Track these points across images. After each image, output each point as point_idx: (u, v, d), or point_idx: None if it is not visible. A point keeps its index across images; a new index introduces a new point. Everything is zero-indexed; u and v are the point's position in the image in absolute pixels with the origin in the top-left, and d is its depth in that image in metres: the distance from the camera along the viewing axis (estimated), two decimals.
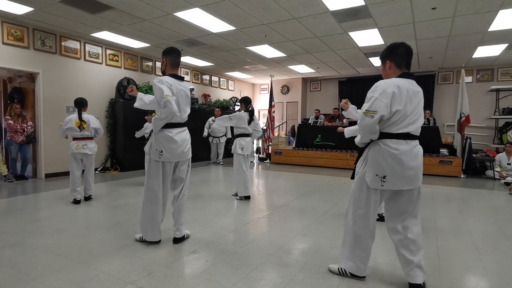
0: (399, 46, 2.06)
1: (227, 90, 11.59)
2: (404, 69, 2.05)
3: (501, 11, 4.91)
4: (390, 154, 1.94)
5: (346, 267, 2.16)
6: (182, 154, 2.77)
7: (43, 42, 6.10)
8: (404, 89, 1.94)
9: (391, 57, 2.07)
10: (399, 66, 2.05)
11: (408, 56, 2.07)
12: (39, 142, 6.14)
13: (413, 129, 1.97)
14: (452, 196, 5.04)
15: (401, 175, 1.95)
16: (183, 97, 2.76)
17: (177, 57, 2.81)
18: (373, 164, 1.99)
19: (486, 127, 9.03)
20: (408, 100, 1.94)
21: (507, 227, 3.41)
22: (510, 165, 6.57)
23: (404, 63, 2.05)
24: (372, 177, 1.98)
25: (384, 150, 1.95)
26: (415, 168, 1.98)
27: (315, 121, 9.58)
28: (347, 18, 5.37)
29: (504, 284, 2.14)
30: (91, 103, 6.93)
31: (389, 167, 1.94)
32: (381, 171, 1.96)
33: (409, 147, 1.96)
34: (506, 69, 8.91)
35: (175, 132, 2.72)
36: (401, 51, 2.05)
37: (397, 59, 2.05)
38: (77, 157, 4.23)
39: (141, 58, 8.17)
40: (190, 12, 5.18)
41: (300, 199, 4.64)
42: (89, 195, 4.38)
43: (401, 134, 1.95)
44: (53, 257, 2.49)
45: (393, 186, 1.97)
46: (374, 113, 1.89)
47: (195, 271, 2.28)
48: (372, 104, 1.92)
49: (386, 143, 1.96)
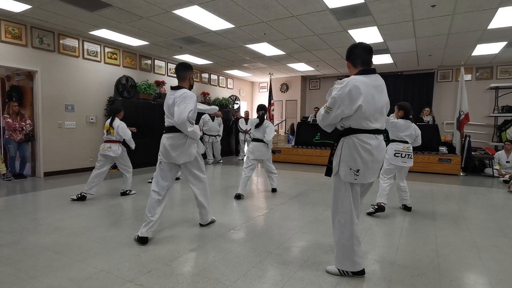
0: (356, 46, 2.20)
1: (226, 88, 11.57)
2: (360, 67, 2.14)
3: (500, 8, 4.90)
4: (364, 148, 2.04)
5: (345, 268, 2.15)
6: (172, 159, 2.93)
7: (41, 40, 6.07)
8: (364, 86, 2.02)
9: (348, 58, 2.23)
10: (355, 65, 2.18)
11: (364, 53, 2.16)
12: (38, 141, 6.13)
13: (379, 125, 2.11)
14: (451, 194, 5.04)
15: (371, 168, 2.08)
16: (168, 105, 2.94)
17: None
18: (347, 159, 2.07)
19: (485, 125, 9.04)
20: (370, 94, 2.02)
21: (506, 225, 3.42)
22: (509, 163, 6.58)
23: (359, 61, 2.15)
24: (346, 171, 2.07)
25: (358, 144, 2.05)
26: (380, 161, 2.15)
27: (314, 119, 9.56)
28: (346, 15, 5.35)
29: (503, 282, 2.15)
30: (90, 101, 6.96)
31: (362, 161, 2.04)
32: (354, 165, 2.05)
33: (378, 141, 2.10)
34: (505, 67, 8.90)
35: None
36: (356, 51, 2.18)
37: (352, 58, 2.19)
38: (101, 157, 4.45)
39: (140, 56, 8.15)
40: (188, 10, 5.16)
41: (299, 197, 4.64)
42: (124, 191, 4.63)
43: (372, 130, 2.07)
44: (52, 256, 2.48)
45: (364, 179, 2.09)
46: (329, 109, 2.08)
47: (195, 269, 2.28)
48: (330, 100, 2.09)
49: (360, 138, 2.05)
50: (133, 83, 7.72)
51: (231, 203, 4.36)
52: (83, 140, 6.83)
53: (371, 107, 2.03)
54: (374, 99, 2.04)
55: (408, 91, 10.03)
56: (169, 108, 2.88)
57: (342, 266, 2.16)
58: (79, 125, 6.78)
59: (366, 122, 2.04)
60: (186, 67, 2.99)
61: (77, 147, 6.72)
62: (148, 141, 7.47)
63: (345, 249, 2.13)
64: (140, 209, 3.87)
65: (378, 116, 2.08)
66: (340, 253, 2.16)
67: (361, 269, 2.14)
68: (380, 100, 2.09)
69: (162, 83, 8.45)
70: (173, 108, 2.81)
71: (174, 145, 2.88)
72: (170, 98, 2.88)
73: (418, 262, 2.44)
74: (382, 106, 2.12)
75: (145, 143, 7.37)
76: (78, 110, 6.73)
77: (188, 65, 3.02)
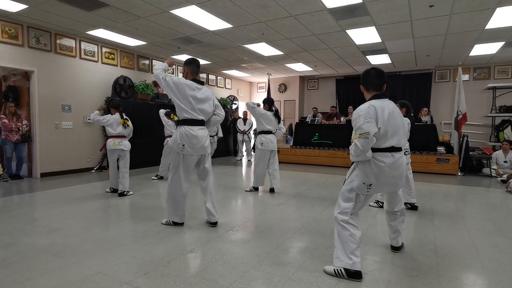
0: (368, 71, 2.31)
1: (224, 88, 11.55)
2: (373, 92, 2.27)
3: (498, 8, 4.91)
4: (377, 166, 2.16)
5: (342, 265, 2.15)
6: (201, 149, 3.13)
7: (37, 40, 6.04)
8: (379, 109, 2.15)
9: (362, 83, 2.34)
10: (368, 89, 2.30)
11: (376, 78, 2.27)
12: (35, 141, 6.08)
13: (395, 142, 2.20)
14: (450, 194, 5.05)
15: (384, 182, 2.21)
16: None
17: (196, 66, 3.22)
18: (361, 174, 2.19)
19: (483, 125, 9.06)
20: (386, 117, 2.15)
21: (505, 225, 3.42)
22: (506, 162, 6.60)
23: (371, 86, 2.28)
24: (360, 184, 2.20)
25: (372, 162, 2.17)
26: (396, 177, 2.25)
27: (313, 120, 9.56)
28: (344, 15, 5.35)
29: (502, 282, 2.14)
30: (87, 101, 6.93)
31: (374, 177, 2.17)
32: (368, 180, 2.18)
33: (394, 159, 2.20)
34: (502, 67, 8.93)
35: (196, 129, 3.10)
36: (368, 77, 2.30)
37: (365, 83, 2.31)
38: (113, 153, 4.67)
39: (138, 56, 8.12)
40: (186, 10, 5.14)
41: (298, 198, 4.63)
42: (122, 191, 4.63)
43: (386, 148, 2.18)
44: (48, 257, 2.46)
45: (377, 191, 2.28)
46: (368, 134, 2.06)
47: (192, 271, 2.26)
48: (361, 127, 2.09)
49: (375, 157, 2.17)
50: (131, 83, 7.68)
51: (229, 203, 4.35)
52: (80, 140, 6.80)
53: (385, 127, 2.15)
54: (388, 120, 2.16)
55: (406, 91, 10.04)
56: (201, 102, 3.11)
57: (338, 263, 2.18)
58: (76, 126, 6.74)
59: (381, 141, 2.16)
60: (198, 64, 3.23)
61: (74, 147, 6.69)
62: (145, 142, 7.45)
63: (341, 245, 2.19)
64: (138, 210, 3.85)
65: (391, 135, 2.18)
66: (338, 249, 2.22)
67: (356, 269, 2.12)
68: (394, 121, 2.19)
69: None
70: (206, 103, 3.14)
71: (205, 136, 3.14)
72: (201, 92, 3.11)
73: (416, 262, 2.43)
74: (397, 126, 2.21)
75: (143, 144, 7.35)
76: (75, 110, 6.69)
77: (187, 61, 3.19)
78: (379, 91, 2.26)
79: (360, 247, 2.20)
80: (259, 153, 4.89)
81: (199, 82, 3.14)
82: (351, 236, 2.16)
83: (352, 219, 2.21)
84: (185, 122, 3.06)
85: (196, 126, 3.08)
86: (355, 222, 2.21)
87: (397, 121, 2.21)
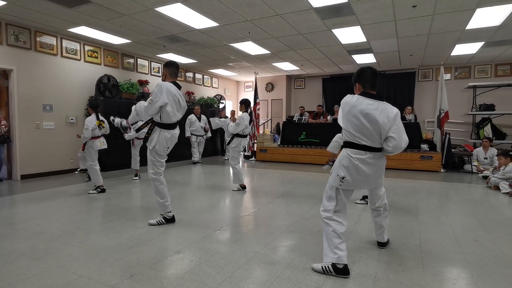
0: (366, 70, 2.33)
1: (211, 87, 11.47)
2: (368, 90, 2.28)
3: (478, 9, 5.05)
4: (350, 160, 2.23)
5: (329, 260, 2.19)
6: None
7: (17, 38, 5.83)
8: (358, 108, 2.19)
9: (359, 80, 2.32)
10: (364, 87, 2.29)
11: (372, 78, 2.29)
12: (14, 142, 5.88)
13: (369, 143, 2.22)
14: (433, 190, 5.17)
15: (356, 179, 2.25)
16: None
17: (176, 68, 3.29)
18: (337, 166, 2.30)
19: (464, 123, 9.33)
20: (362, 116, 2.17)
21: (486, 219, 3.52)
22: (486, 159, 6.81)
23: (368, 85, 2.28)
24: (334, 176, 2.29)
25: (346, 157, 2.26)
26: (370, 175, 2.27)
27: (300, 119, 9.62)
28: (330, 15, 5.39)
29: (484, 275, 2.20)
30: (69, 100, 6.75)
31: (347, 171, 2.24)
32: (341, 173, 2.26)
33: (367, 157, 2.23)
34: (482, 66, 9.22)
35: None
36: (366, 75, 2.30)
37: (363, 82, 2.30)
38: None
39: (122, 55, 7.96)
40: (171, 7, 5.07)
41: (286, 196, 4.64)
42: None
43: (361, 146, 2.22)
44: (29, 262, 2.38)
45: (350, 186, 2.28)
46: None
47: (179, 272, 2.23)
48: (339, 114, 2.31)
49: (348, 152, 2.26)
50: (115, 82, 7.52)
51: (216, 203, 4.32)
52: (62, 141, 6.61)
53: (361, 127, 2.18)
54: (365, 121, 2.17)
55: (390, 90, 10.22)
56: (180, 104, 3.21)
57: (326, 259, 2.21)
58: (58, 126, 6.56)
59: (355, 138, 2.22)
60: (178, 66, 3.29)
61: (56, 148, 6.50)
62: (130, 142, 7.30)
63: (327, 242, 2.25)
64: (122, 211, 3.77)
65: (369, 135, 2.19)
66: (324, 246, 2.27)
67: (342, 262, 2.15)
68: (373, 125, 2.17)
69: (145, 82, 8.28)
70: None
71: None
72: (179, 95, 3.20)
73: (402, 258, 2.47)
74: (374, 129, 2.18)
75: (128, 144, 7.20)
76: (57, 110, 6.50)
77: (166, 63, 3.27)
78: (373, 90, 2.28)
79: (344, 242, 2.22)
80: (236, 154, 5.09)
81: (178, 85, 3.22)
82: (334, 231, 2.21)
83: (336, 215, 2.26)
84: (168, 126, 3.19)
85: (175, 128, 3.29)
86: (339, 219, 2.26)
87: (376, 125, 2.16)
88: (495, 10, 5.06)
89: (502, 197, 4.69)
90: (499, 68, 9.05)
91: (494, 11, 5.11)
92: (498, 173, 5.22)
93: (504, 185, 4.93)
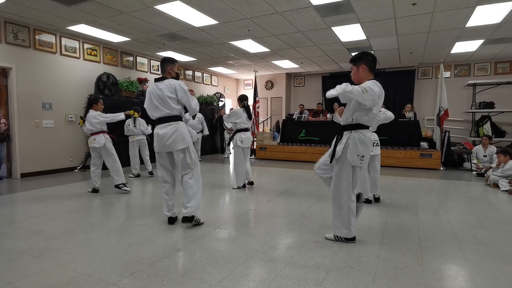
0: (371, 53, 2.60)
1: (210, 85, 11.46)
2: (373, 74, 2.58)
3: (478, 7, 5.05)
4: (369, 140, 2.57)
5: (342, 235, 2.67)
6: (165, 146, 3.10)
7: (15, 36, 5.81)
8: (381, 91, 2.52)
9: (365, 61, 2.55)
10: (371, 70, 2.57)
11: (375, 63, 2.62)
12: (14, 141, 5.88)
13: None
14: (432, 188, 5.18)
15: (368, 155, 2.61)
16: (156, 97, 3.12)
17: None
18: (355, 148, 2.53)
19: (463, 121, 9.33)
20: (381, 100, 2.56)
21: (485, 217, 3.53)
22: (486, 157, 6.81)
23: (373, 69, 2.58)
24: (355, 157, 2.54)
25: (364, 137, 2.55)
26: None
27: (299, 116, 9.62)
28: (330, 12, 5.38)
29: (483, 272, 2.21)
30: (69, 99, 6.74)
31: (366, 150, 2.55)
32: (361, 152, 2.54)
33: (371, 135, 2.68)
34: (482, 64, 9.21)
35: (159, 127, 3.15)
36: (371, 57, 2.57)
37: (372, 64, 2.56)
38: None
39: (121, 53, 7.94)
40: (171, 5, 5.06)
41: (285, 194, 4.65)
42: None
43: (368, 127, 2.62)
44: (30, 260, 2.38)
45: (366, 163, 2.64)
46: (366, 92, 2.37)
47: (180, 270, 2.23)
48: (367, 90, 2.40)
49: (364, 133, 2.57)
50: (115, 80, 7.51)
51: (216, 201, 4.32)
52: (62, 139, 6.61)
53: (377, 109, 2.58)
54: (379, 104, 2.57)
55: (390, 88, 10.21)
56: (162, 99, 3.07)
57: (340, 233, 2.67)
58: (58, 124, 6.55)
59: (370, 121, 2.57)
60: (163, 61, 3.20)
61: (56, 147, 6.50)
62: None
63: (344, 220, 2.63)
64: (123, 210, 3.78)
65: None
66: (339, 222, 2.66)
67: (353, 236, 2.67)
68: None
69: (145, 80, 8.27)
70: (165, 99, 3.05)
71: (168, 133, 3.07)
72: (158, 89, 3.08)
73: (401, 255, 2.48)
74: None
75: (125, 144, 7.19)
76: (56, 108, 6.50)
77: (164, 59, 3.21)
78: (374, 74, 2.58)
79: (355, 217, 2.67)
80: (239, 151, 4.94)
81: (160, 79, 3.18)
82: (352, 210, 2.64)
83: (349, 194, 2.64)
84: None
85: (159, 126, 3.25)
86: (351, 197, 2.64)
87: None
88: (495, 7, 5.06)
89: (501, 195, 4.70)
90: (499, 65, 9.05)
91: (494, 8, 5.10)
92: (497, 171, 5.23)
93: (503, 183, 4.94)
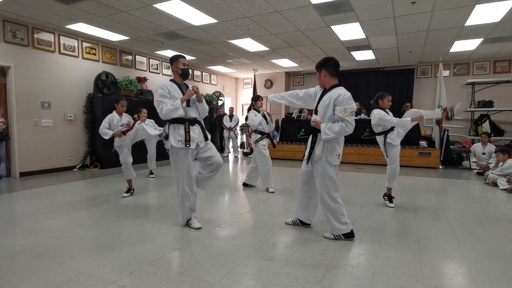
0: (333, 59, 2.72)
1: (210, 84, 11.45)
2: (336, 79, 2.72)
3: (477, 6, 5.04)
4: (342, 140, 2.78)
5: (341, 233, 2.73)
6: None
7: (14, 34, 5.80)
8: None
9: (325, 66, 2.70)
10: (333, 76, 2.71)
11: (338, 68, 2.73)
12: (13, 140, 5.87)
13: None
14: (431, 187, 5.19)
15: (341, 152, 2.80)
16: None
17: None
18: (334, 149, 2.70)
19: (462, 120, 9.34)
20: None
21: (483, 216, 3.54)
22: (484, 154, 6.83)
23: (334, 73, 2.71)
24: (335, 157, 2.71)
25: (340, 138, 2.75)
26: None
27: (299, 115, 9.61)
28: (329, 11, 5.37)
29: (481, 271, 2.22)
30: (68, 97, 6.73)
31: (340, 148, 2.75)
32: (338, 151, 2.73)
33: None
34: (481, 63, 9.21)
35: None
36: (332, 63, 2.70)
37: (334, 70, 2.70)
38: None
39: (120, 52, 7.92)
40: (170, 4, 5.04)
41: (285, 193, 4.65)
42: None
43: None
44: (29, 259, 2.38)
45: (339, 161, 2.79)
46: (351, 121, 2.59)
47: (179, 268, 2.24)
48: (349, 121, 2.59)
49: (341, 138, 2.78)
50: (114, 79, 7.50)
51: (216, 200, 4.32)
52: (61, 138, 6.60)
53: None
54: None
55: (389, 86, 10.22)
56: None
57: (338, 232, 2.74)
58: (57, 123, 6.54)
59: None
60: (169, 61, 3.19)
61: (55, 145, 6.49)
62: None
63: (337, 215, 2.71)
64: (122, 208, 3.78)
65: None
66: (334, 220, 2.72)
67: (350, 230, 2.74)
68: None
69: (144, 79, 8.26)
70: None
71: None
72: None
73: (400, 254, 2.49)
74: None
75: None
76: (55, 107, 6.48)
77: (170, 59, 3.17)
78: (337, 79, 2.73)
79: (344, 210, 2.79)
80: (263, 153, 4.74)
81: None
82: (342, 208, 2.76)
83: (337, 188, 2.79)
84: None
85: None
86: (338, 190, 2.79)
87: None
88: (494, 6, 5.06)
89: (500, 193, 4.71)
90: (498, 64, 9.05)
91: (493, 7, 5.10)
92: (496, 170, 5.25)
93: (502, 181, 4.95)
